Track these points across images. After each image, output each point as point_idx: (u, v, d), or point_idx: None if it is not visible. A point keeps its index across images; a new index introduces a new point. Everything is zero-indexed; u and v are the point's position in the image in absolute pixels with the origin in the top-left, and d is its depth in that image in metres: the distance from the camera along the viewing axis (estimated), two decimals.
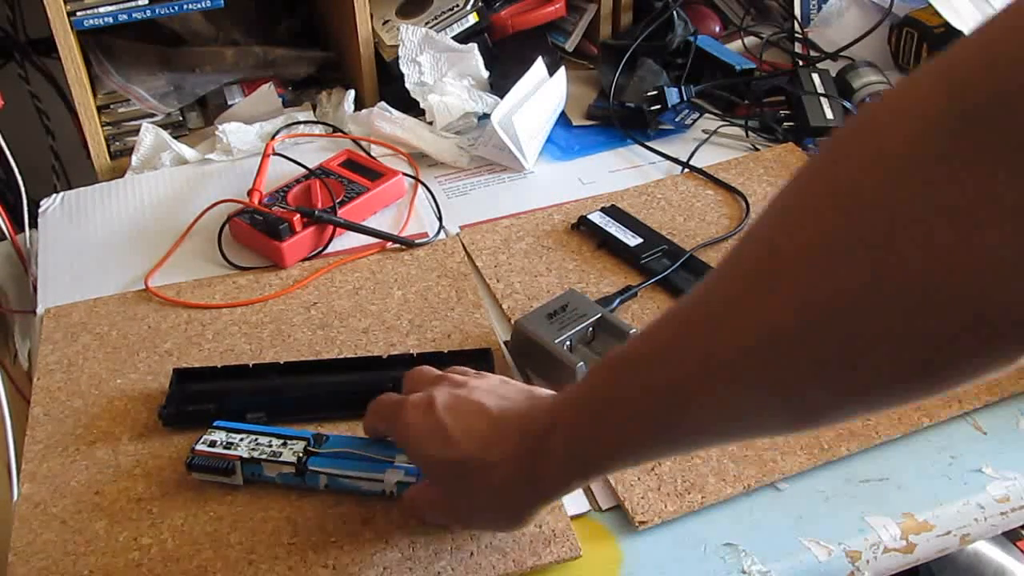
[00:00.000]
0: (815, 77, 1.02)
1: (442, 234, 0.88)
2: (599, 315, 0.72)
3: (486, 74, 1.02)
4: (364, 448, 0.63)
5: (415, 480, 0.61)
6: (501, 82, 1.01)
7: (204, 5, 0.96)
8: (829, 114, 0.98)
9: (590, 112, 1.05)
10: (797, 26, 1.14)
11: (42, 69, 1.15)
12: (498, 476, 0.53)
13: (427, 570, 0.58)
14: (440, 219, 0.90)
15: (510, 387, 0.58)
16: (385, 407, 0.60)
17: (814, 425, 0.45)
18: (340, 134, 1.01)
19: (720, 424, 0.45)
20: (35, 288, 0.85)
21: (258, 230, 0.85)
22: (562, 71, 1.02)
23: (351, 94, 1.04)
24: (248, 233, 0.86)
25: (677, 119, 1.03)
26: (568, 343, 0.71)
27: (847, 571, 0.60)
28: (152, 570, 0.60)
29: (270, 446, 0.63)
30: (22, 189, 0.95)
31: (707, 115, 1.04)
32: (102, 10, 0.93)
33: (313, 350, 0.76)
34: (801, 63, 1.09)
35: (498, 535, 0.60)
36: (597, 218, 0.86)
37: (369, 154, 0.98)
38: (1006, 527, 0.64)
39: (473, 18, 1.04)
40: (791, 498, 0.63)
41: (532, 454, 0.52)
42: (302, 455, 0.63)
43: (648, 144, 0.99)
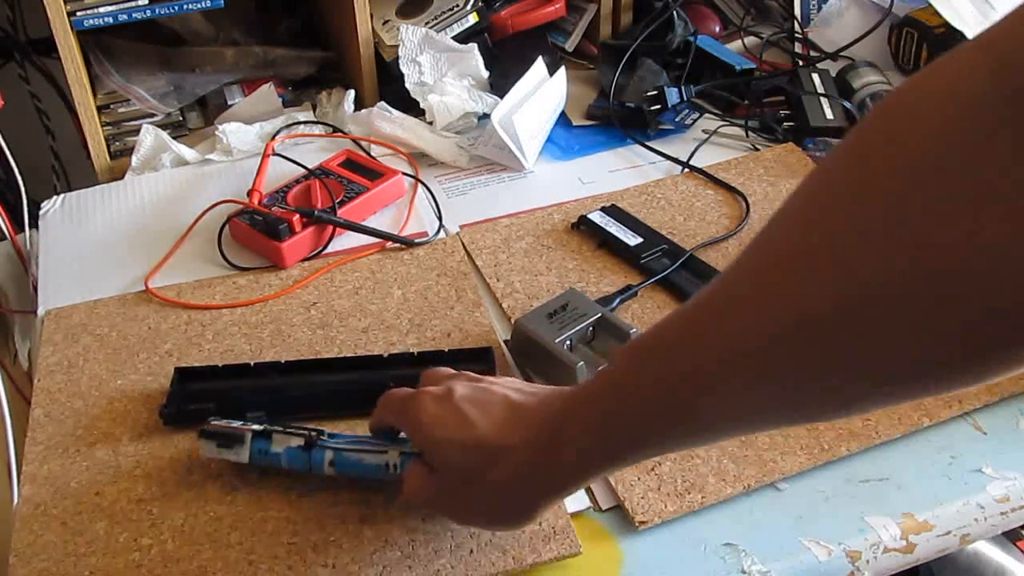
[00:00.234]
0: (815, 77, 1.02)
1: (442, 233, 0.88)
2: (599, 314, 0.72)
3: (486, 74, 1.02)
4: (367, 439, 0.63)
5: (419, 455, 0.58)
6: (501, 82, 1.01)
7: (204, 5, 0.96)
8: (829, 114, 0.98)
9: (590, 112, 1.05)
10: (797, 26, 1.14)
11: (42, 69, 1.15)
12: (512, 462, 0.52)
13: (426, 568, 0.59)
14: (440, 219, 0.90)
15: (530, 385, 0.57)
16: (397, 399, 0.59)
17: (844, 413, 0.44)
18: (340, 134, 1.01)
19: (745, 413, 0.44)
20: (35, 289, 0.85)
21: (258, 230, 0.85)
22: (562, 71, 1.02)
23: (351, 94, 1.04)
24: (248, 233, 0.86)
25: (677, 119, 1.03)
26: (568, 342, 0.71)
27: (847, 571, 0.60)
28: (152, 571, 0.60)
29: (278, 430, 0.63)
30: (22, 189, 0.95)
31: (707, 115, 1.04)
32: (102, 10, 0.92)
33: (313, 350, 0.76)
34: (801, 63, 1.09)
35: (497, 533, 0.60)
36: (597, 218, 0.86)
37: (369, 154, 0.98)
38: (1006, 527, 0.64)
39: (473, 18, 1.04)
40: (791, 498, 0.63)
41: (549, 441, 0.51)
42: (311, 433, 0.62)
43: (648, 144, 0.99)
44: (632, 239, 0.84)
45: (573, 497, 0.63)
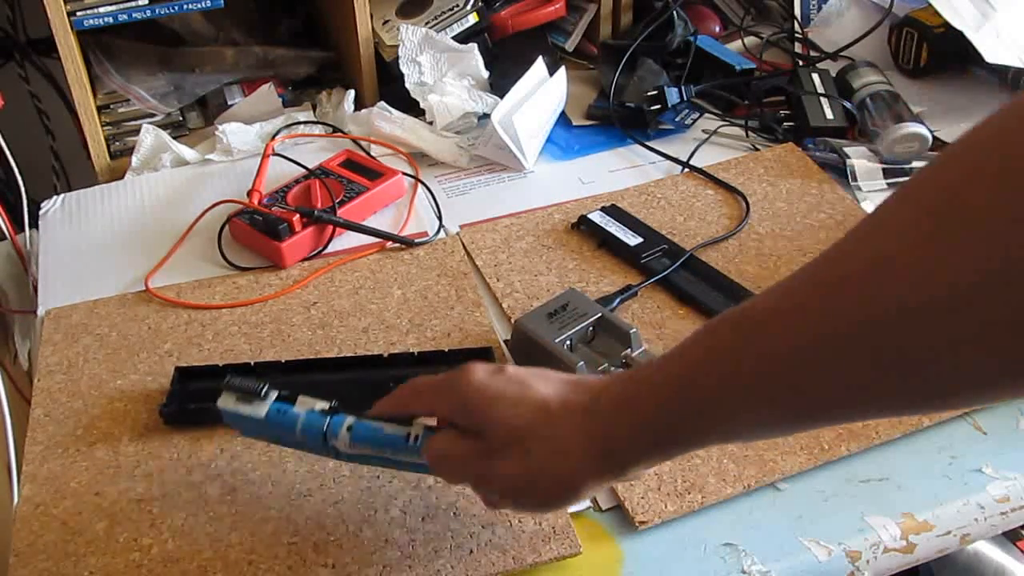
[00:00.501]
0: (815, 77, 1.02)
1: (442, 233, 0.88)
2: (599, 314, 0.72)
3: (486, 74, 1.02)
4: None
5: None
6: (501, 82, 1.01)
7: (204, 5, 0.96)
8: (829, 114, 0.98)
9: (590, 112, 1.05)
10: (797, 26, 1.14)
11: (42, 69, 1.15)
12: (570, 424, 0.49)
13: (426, 568, 0.58)
14: (440, 218, 0.90)
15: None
16: (426, 381, 0.55)
17: (956, 401, 0.42)
18: (340, 134, 1.01)
19: (859, 395, 0.41)
20: (35, 289, 0.85)
21: (258, 230, 0.85)
22: (562, 71, 1.02)
23: (351, 94, 1.04)
24: (248, 233, 0.86)
25: (677, 119, 1.03)
26: (568, 342, 0.71)
27: (847, 571, 0.60)
28: (152, 571, 0.60)
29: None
30: (22, 189, 0.95)
31: (707, 115, 1.04)
32: (102, 10, 0.93)
33: (313, 350, 0.76)
34: (801, 63, 1.09)
35: (497, 533, 0.60)
36: (597, 217, 0.86)
37: (369, 154, 0.98)
38: (1006, 527, 0.64)
39: (473, 18, 1.04)
40: (791, 498, 0.63)
41: (614, 408, 0.47)
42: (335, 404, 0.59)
43: (648, 144, 0.99)
44: (632, 239, 0.84)
45: None
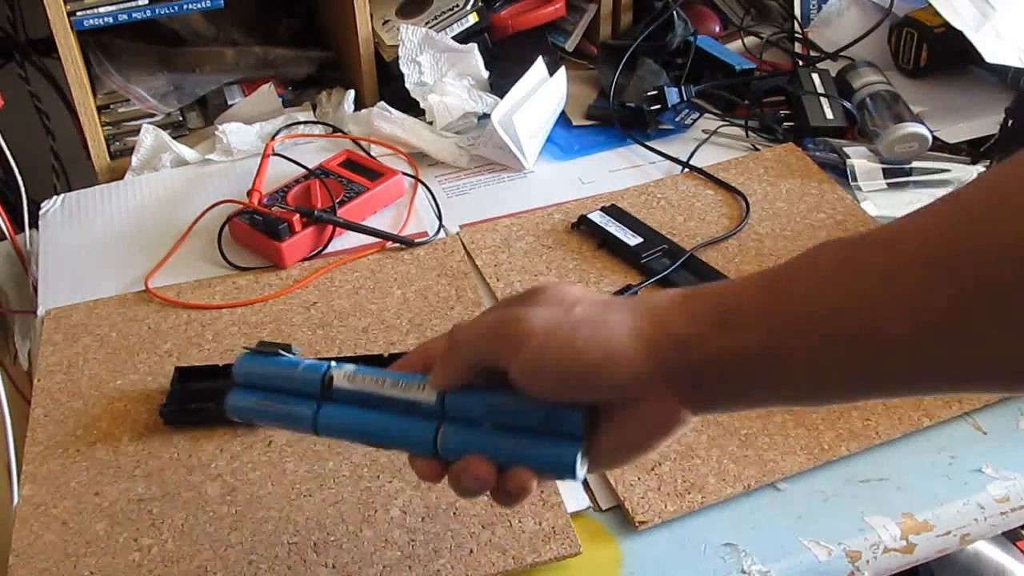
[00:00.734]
0: (815, 77, 1.02)
1: (442, 233, 0.88)
2: None
3: (486, 74, 1.02)
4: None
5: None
6: (501, 82, 1.01)
7: (204, 5, 0.96)
8: (829, 114, 0.98)
9: (590, 112, 1.05)
10: (797, 26, 1.14)
11: (42, 69, 1.15)
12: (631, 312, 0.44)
13: (426, 568, 0.58)
14: (440, 218, 0.90)
15: None
16: (437, 339, 0.50)
17: None
18: (340, 134, 1.01)
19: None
20: (35, 289, 0.85)
21: (258, 230, 0.85)
22: (562, 71, 1.02)
23: (351, 94, 1.04)
24: (248, 233, 0.86)
25: (677, 119, 1.03)
26: None
27: (847, 571, 0.60)
28: (152, 571, 0.60)
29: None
30: (22, 189, 0.95)
31: (707, 115, 1.04)
32: (102, 10, 0.93)
33: (313, 350, 0.76)
34: (801, 63, 1.09)
35: (497, 533, 0.60)
36: (597, 217, 0.86)
37: (369, 154, 0.98)
38: (1006, 527, 0.64)
39: (473, 18, 1.04)
40: (791, 498, 0.63)
41: (712, 320, 0.42)
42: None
43: (648, 144, 0.99)
44: (632, 239, 0.84)
45: (573, 495, 0.63)
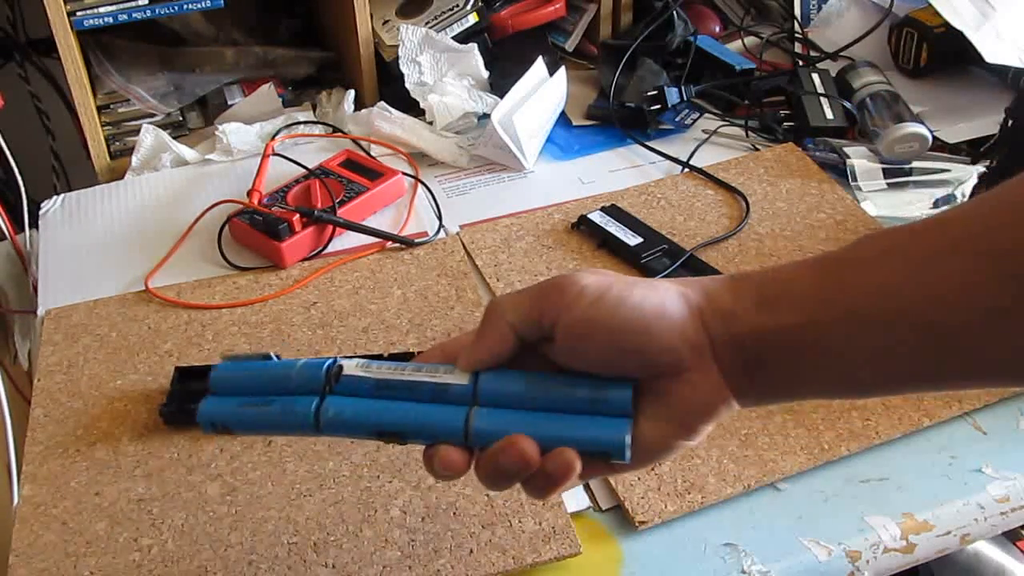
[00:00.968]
0: (815, 77, 1.02)
1: (442, 233, 0.88)
2: None
3: (486, 74, 1.02)
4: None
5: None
6: (501, 82, 1.01)
7: (204, 5, 0.96)
8: (829, 114, 0.98)
9: (590, 112, 1.05)
10: (797, 26, 1.14)
11: (42, 69, 1.15)
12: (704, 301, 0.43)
13: (426, 568, 0.58)
14: (440, 218, 0.90)
15: None
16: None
17: None
18: (340, 134, 1.01)
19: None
20: (35, 289, 0.85)
21: (258, 230, 0.85)
22: (562, 71, 1.02)
23: (351, 94, 1.04)
24: (248, 233, 0.86)
25: (677, 119, 1.03)
26: None
27: (847, 571, 0.60)
28: (152, 571, 0.60)
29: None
30: (22, 189, 0.95)
31: (707, 115, 1.04)
32: (102, 10, 0.93)
33: (313, 350, 0.76)
34: (801, 63, 1.09)
35: (497, 533, 0.60)
36: (597, 217, 0.86)
37: (369, 154, 0.98)
38: (1006, 527, 0.64)
39: (473, 18, 1.04)
40: (791, 498, 0.63)
41: (761, 305, 0.41)
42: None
43: (648, 144, 0.99)
44: (632, 239, 0.84)
45: (573, 495, 0.63)
